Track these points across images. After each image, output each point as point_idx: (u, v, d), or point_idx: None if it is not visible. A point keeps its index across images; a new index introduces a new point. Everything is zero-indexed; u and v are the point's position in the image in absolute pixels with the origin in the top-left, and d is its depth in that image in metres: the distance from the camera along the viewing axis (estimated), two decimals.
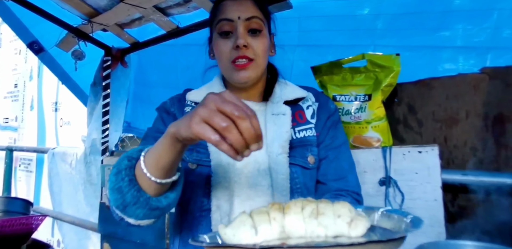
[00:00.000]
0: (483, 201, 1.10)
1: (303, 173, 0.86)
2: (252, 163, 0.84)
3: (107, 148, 2.09)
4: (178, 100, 0.95)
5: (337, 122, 0.95)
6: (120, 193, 0.65)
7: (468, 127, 1.14)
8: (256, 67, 0.85)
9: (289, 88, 0.94)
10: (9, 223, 1.41)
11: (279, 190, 0.82)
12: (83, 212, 2.43)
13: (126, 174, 0.66)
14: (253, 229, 0.54)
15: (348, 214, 0.54)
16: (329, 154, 0.90)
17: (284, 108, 0.89)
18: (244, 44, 0.81)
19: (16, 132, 3.91)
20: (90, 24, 1.76)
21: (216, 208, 0.82)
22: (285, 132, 0.85)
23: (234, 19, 0.83)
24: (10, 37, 4.02)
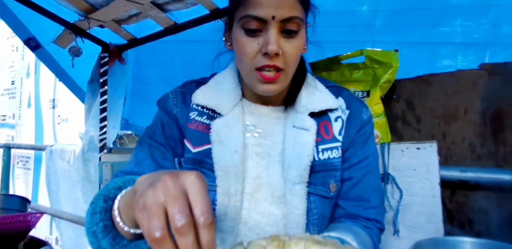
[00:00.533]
0: (482, 197, 1.10)
1: (322, 202, 0.74)
2: (265, 186, 0.72)
3: (105, 145, 2.08)
4: (183, 97, 0.80)
5: (368, 136, 0.79)
6: (95, 237, 0.57)
7: (467, 123, 1.14)
8: (284, 78, 0.70)
9: (318, 94, 0.77)
10: (6, 221, 1.41)
11: (293, 225, 0.71)
12: (81, 209, 2.42)
13: (100, 219, 0.56)
14: None
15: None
16: (354, 175, 0.77)
17: (309, 122, 0.73)
18: (276, 52, 0.65)
19: (14, 130, 3.89)
20: (87, 20, 1.74)
21: (220, 241, 0.72)
22: (306, 155, 0.71)
23: (267, 19, 0.64)
24: (7, 34, 4.00)
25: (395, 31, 1.51)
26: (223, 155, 0.71)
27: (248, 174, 0.72)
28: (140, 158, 0.76)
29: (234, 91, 0.77)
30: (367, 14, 1.53)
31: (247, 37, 0.67)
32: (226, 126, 0.73)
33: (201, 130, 0.75)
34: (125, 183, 0.60)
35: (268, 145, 0.74)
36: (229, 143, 0.72)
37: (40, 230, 3.00)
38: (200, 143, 0.75)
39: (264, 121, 0.76)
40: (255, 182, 0.72)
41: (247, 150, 0.73)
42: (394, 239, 1.10)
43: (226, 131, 0.73)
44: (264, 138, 0.75)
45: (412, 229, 1.09)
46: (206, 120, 0.76)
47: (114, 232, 0.57)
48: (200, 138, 0.75)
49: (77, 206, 2.47)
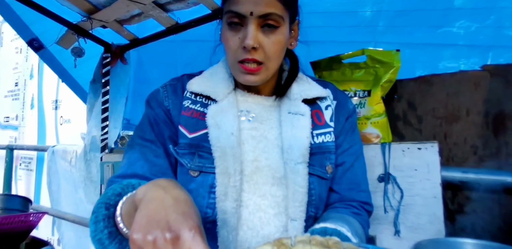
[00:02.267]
0: (483, 199, 1.09)
1: (320, 183, 0.78)
2: (265, 169, 0.75)
3: (106, 145, 2.09)
4: (174, 89, 0.82)
5: (355, 124, 0.87)
6: (101, 244, 0.59)
7: (469, 124, 1.14)
8: (265, 71, 0.74)
9: (307, 84, 0.84)
10: (8, 221, 1.40)
11: (295, 203, 0.74)
12: (83, 209, 2.42)
13: (104, 226, 0.58)
14: None
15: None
16: (346, 161, 0.83)
17: (304, 108, 0.79)
18: (253, 46, 0.70)
19: (17, 131, 3.91)
20: (90, 20, 1.75)
21: (222, 223, 0.73)
22: (305, 137, 0.76)
23: (245, 15, 0.70)
24: (11, 36, 4.02)
25: (397, 32, 1.51)
26: (220, 137, 0.74)
27: (245, 157, 0.75)
28: (132, 159, 0.77)
29: (228, 81, 0.81)
30: (370, 15, 1.53)
31: (230, 31, 0.73)
32: (222, 111, 0.77)
33: (196, 117, 0.78)
34: (124, 188, 0.61)
35: (265, 129, 0.78)
36: (225, 127, 0.75)
37: (42, 231, 3.00)
38: (196, 129, 0.77)
39: (258, 108, 0.80)
40: (253, 164, 0.75)
41: (243, 133, 0.76)
42: (394, 239, 1.09)
43: (221, 116, 0.76)
44: (260, 122, 0.79)
45: (413, 229, 1.08)
46: (200, 108, 0.79)
47: (119, 237, 0.59)
48: (195, 124, 0.77)
49: (78, 207, 2.47)
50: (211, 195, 0.74)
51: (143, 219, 0.47)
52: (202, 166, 0.75)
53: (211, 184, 0.74)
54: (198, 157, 0.76)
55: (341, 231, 0.67)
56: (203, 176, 0.75)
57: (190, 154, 0.76)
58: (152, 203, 0.49)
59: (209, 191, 0.74)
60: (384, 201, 1.14)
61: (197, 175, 0.75)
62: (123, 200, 0.58)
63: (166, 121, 0.79)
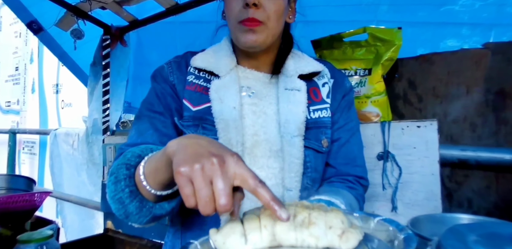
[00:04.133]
0: (481, 176, 1.11)
1: (315, 156, 0.81)
2: (263, 142, 0.78)
3: (108, 127, 2.10)
4: (178, 66, 0.84)
5: (351, 102, 0.90)
6: (121, 203, 0.62)
7: (469, 102, 1.14)
8: (265, 30, 0.76)
9: (304, 61, 0.86)
10: (13, 200, 1.43)
11: (291, 174, 0.77)
12: (86, 192, 2.46)
13: (126, 185, 0.62)
14: (243, 237, 0.53)
15: (340, 226, 0.52)
16: (342, 136, 0.86)
17: (299, 83, 0.82)
18: (254, 2, 0.73)
19: (19, 115, 3.93)
20: (89, 2, 1.73)
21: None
22: (301, 111, 0.79)
23: None
24: (10, 20, 3.99)
25: (399, 11, 1.49)
26: (223, 111, 0.78)
27: (246, 131, 0.78)
28: (142, 129, 0.79)
29: (230, 57, 0.83)
30: None
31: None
32: (224, 86, 0.80)
33: (199, 91, 0.81)
34: (143, 151, 0.64)
35: (264, 105, 0.81)
36: (228, 101, 0.78)
37: (46, 214, 3.06)
38: (200, 102, 0.80)
39: (258, 84, 0.83)
40: (253, 138, 0.78)
41: (244, 108, 0.79)
42: (392, 215, 1.11)
43: (224, 90, 0.79)
44: (259, 99, 0.81)
45: (411, 206, 1.10)
46: (203, 83, 0.82)
47: (140, 196, 0.62)
48: (199, 98, 0.80)
49: (80, 189, 2.51)
50: None
51: (186, 156, 0.48)
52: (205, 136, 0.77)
53: None
54: (202, 129, 0.79)
55: (335, 202, 0.69)
56: None
57: (194, 125, 0.79)
58: (189, 147, 0.51)
59: None
60: (382, 178, 1.16)
61: None
62: (145, 160, 0.61)
63: (172, 95, 0.82)
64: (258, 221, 0.53)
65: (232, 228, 0.54)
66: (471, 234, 0.54)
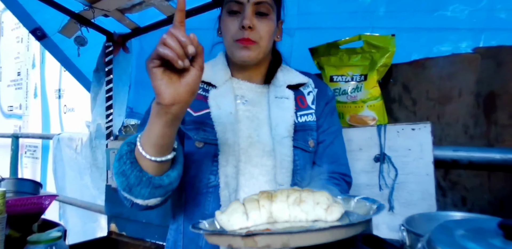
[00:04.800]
0: (474, 175, 1.15)
1: (304, 155, 0.91)
2: (257, 143, 0.87)
3: (111, 132, 2.14)
4: None
5: (334, 109, 1.01)
6: (124, 176, 0.69)
7: (461, 105, 1.18)
8: (258, 49, 0.87)
9: (291, 73, 0.97)
10: (21, 203, 1.46)
11: (282, 170, 0.86)
12: (89, 195, 2.49)
13: (127, 158, 0.69)
14: (244, 215, 0.63)
15: (326, 202, 0.63)
16: (326, 139, 0.96)
17: (288, 92, 0.93)
18: (249, 25, 0.84)
19: (21, 120, 3.96)
20: (92, 10, 1.78)
21: (224, 185, 0.84)
22: (290, 116, 0.90)
23: (243, 2, 0.85)
24: (11, 25, 4.03)
25: (394, 17, 1.54)
26: (221, 115, 0.88)
27: (241, 134, 0.88)
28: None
29: (225, 70, 0.94)
30: (367, 1, 1.56)
31: (229, 17, 0.87)
32: (221, 95, 0.90)
33: (199, 99, 0.91)
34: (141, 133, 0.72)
35: (257, 111, 0.92)
36: (224, 107, 0.89)
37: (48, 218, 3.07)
38: (200, 109, 0.90)
39: (251, 93, 0.94)
40: (248, 140, 0.88)
41: (239, 114, 0.90)
42: (389, 215, 1.16)
43: (221, 99, 0.90)
44: (252, 105, 0.92)
45: (407, 205, 1.14)
46: (202, 92, 0.92)
47: (139, 167, 0.69)
48: (199, 105, 0.90)
49: (83, 193, 2.54)
50: (214, 163, 0.86)
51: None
52: (206, 138, 0.87)
53: (214, 154, 0.86)
54: (202, 131, 0.88)
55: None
56: (207, 147, 0.87)
57: (195, 128, 0.88)
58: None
59: (212, 160, 0.86)
60: (379, 179, 1.20)
61: (202, 146, 0.87)
62: (141, 133, 0.69)
63: None
64: (257, 202, 0.64)
65: (235, 208, 0.64)
66: (459, 229, 0.58)
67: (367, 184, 1.21)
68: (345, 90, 1.23)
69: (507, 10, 1.35)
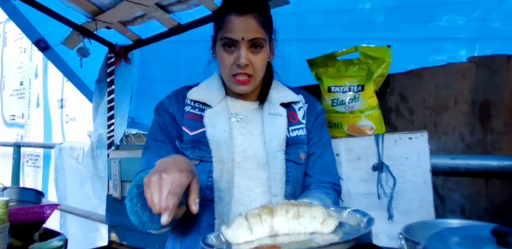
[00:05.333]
0: (471, 183, 1.17)
1: (296, 167, 0.96)
2: (252, 157, 0.93)
3: (112, 142, 2.16)
4: (176, 99, 1.00)
5: (323, 122, 1.06)
6: (137, 215, 0.79)
7: (457, 113, 1.20)
8: (254, 81, 0.93)
9: (284, 91, 1.03)
10: (23, 212, 1.48)
11: (276, 182, 0.92)
12: (90, 204, 2.50)
13: (138, 200, 0.78)
14: (249, 230, 0.69)
15: (322, 216, 0.70)
16: (316, 151, 1.02)
17: (281, 110, 0.98)
18: (246, 64, 0.89)
19: (23, 129, 3.99)
20: (94, 22, 1.82)
21: (218, 199, 0.90)
22: (282, 131, 0.95)
23: (238, 40, 0.88)
24: (15, 36, 4.09)
25: (390, 28, 1.57)
26: (215, 134, 0.93)
27: (236, 149, 0.94)
28: (150, 158, 0.94)
29: (219, 90, 1.00)
30: (363, 12, 1.59)
31: (225, 52, 0.91)
32: (215, 114, 0.95)
33: (195, 119, 0.97)
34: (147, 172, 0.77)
35: (251, 127, 0.97)
36: (219, 126, 0.94)
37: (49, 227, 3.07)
38: (196, 128, 0.96)
39: (245, 111, 0.99)
40: (242, 154, 0.94)
41: (233, 131, 0.95)
42: (388, 224, 1.17)
43: (215, 118, 0.95)
44: (246, 122, 0.97)
45: (405, 214, 1.16)
46: (198, 112, 0.98)
47: (149, 208, 0.74)
48: (195, 124, 0.96)
49: (84, 202, 2.55)
50: (209, 179, 0.91)
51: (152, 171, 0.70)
52: (201, 156, 0.93)
53: (209, 170, 0.92)
54: (198, 150, 0.93)
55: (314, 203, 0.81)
56: (202, 164, 0.92)
57: (192, 147, 0.94)
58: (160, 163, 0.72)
59: (207, 176, 0.91)
60: (378, 188, 1.22)
61: (198, 163, 0.92)
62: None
63: (172, 124, 0.98)
64: (259, 217, 0.70)
65: (239, 223, 0.70)
66: (453, 237, 0.60)
67: (366, 193, 1.22)
68: (343, 100, 1.26)
69: (500, 20, 1.39)
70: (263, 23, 0.91)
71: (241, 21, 0.88)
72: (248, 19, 0.88)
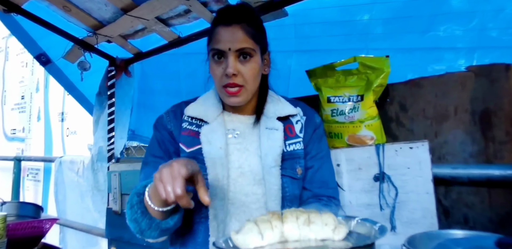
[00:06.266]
0: (474, 192, 1.15)
1: (292, 182, 0.95)
2: (248, 173, 0.92)
3: (113, 155, 2.16)
4: (175, 115, 1.00)
5: (321, 135, 1.04)
6: (136, 222, 0.81)
7: (457, 122, 1.20)
8: (245, 92, 0.92)
9: (281, 104, 1.01)
10: (21, 226, 1.47)
11: (271, 198, 0.91)
12: (90, 218, 2.48)
13: (138, 208, 0.81)
14: (259, 235, 0.68)
15: (333, 223, 0.69)
16: (314, 164, 1.00)
17: (278, 124, 0.96)
18: (233, 73, 0.87)
19: (24, 143, 3.99)
20: (95, 36, 1.84)
21: (213, 217, 0.90)
22: (278, 146, 0.93)
23: (225, 51, 0.88)
24: (17, 51, 4.14)
25: (388, 39, 1.59)
26: (211, 151, 0.92)
27: (232, 165, 0.93)
28: (148, 173, 0.94)
29: (217, 105, 0.99)
30: (361, 23, 1.61)
31: (214, 63, 0.91)
32: (212, 130, 0.95)
33: (192, 135, 0.96)
34: (148, 182, 0.82)
35: (247, 143, 0.95)
36: (215, 143, 0.93)
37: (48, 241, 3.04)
38: (192, 145, 0.95)
39: (242, 126, 0.98)
40: (238, 170, 0.93)
41: (230, 147, 0.94)
42: (391, 235, 1.15)
43: (212, 134, 0.94)
44: (243, 138, 0.96)
45: (408, 224, 1.14)
46: (195, 128, 0.97)
47: (148, 215, 0.80)
48: (192, 141, 0.96)
49: (84, 216, 2.52)
50: None
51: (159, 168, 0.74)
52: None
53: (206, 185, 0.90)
54: None
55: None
56: None
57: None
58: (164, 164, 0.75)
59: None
60: (380, 199, 1.20)
61: None
62: (148, 186, 0.80)
63: (170, 140, 0.98)
64: (269, 223, 0.69)
65: (249, 228, 0.69)
66: (457, 248, 0.59)
67: (368, 203, 1.20)
68: (343, 110, 1.25)
69: (498, 29, 1.40)
70: (252, 33, 0.90)
71: (227, 31, 0.88)
72: (234, 29, 0.88)
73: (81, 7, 1.68)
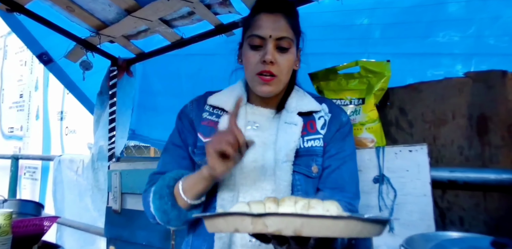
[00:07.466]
0: (470, 196, 1.18)
1: (306, 181, 0.91)
2: (260, 167, 0.91)
3: (113, 154, 2.17)
4: (198, 104, 1.01)
5: (347, 134, 0.98)
6: (165, 213, 0.88)
7: (455, 127, 1.23)
8: (278, 83, 0.91)
9: (305, 100, 0.98)
10: (22, 224, 1.47)
11: (280, 195, 0.87)
12: (88, 217, 2.48)
13: (168, 199, 0.87)
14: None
15: (336, 210, 0.61)
16: (332, 164, 0.94)
17: (297, 119, 0.94)
18: (271, 60, 0.87)
19: (21, 141, 3.98)
20: (98, 36, 1.85)
21: (220, 207, 0.89)
22: (293, 141, 0.90)
23: (265, 37, 0.87)
24: (15, 49, 4.13)
25: (388, 43, 1.61)
26: None
27: (246, 158, 0.88)
28: (167, 161, 1.01)
29: (242, 96, 0.96)
30: (362, 28, 1.64)
31: (251, 50, 0.90)
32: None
33: (211, 126, 0.97)
34: (177, 175, 0.90)
35: (265, 136, 0.95)
36: None
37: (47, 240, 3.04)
38: (210, 135, 0.94)
39: (263, 119, 0.97)
40: (252, 164, 0.92)
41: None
42: (389, 236, 1.17)
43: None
44: (262, 131, 0.95)
45: (406, 226, 1.16)
46: (215, 119, 0.97)
47: (178, 207, 0.87)
48: (210, 131, 0.95)
49: (82, 215, 2.52)
50: (214, 188, 0.91)
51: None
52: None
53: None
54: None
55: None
56: None
57: (202, 153, 0.91)
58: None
59: (214, 184, 0.90)
60: (379, 200, 1.23)
61: None
62: (181, 180, 0.87)
63: (189, 130, 1.00)
64: (263, 204, 0.63)
65: (239, 207, 0.63)
66: (454, 248, 0.61)
67: (367, 205, 1.23)
68: None
69: (495, 36, 1.43)
70: (292, 24, 0.90)
71: (270, 18, 0.88)
72: (277, 17, 0.88)
73: (84, 7, 1.69)
